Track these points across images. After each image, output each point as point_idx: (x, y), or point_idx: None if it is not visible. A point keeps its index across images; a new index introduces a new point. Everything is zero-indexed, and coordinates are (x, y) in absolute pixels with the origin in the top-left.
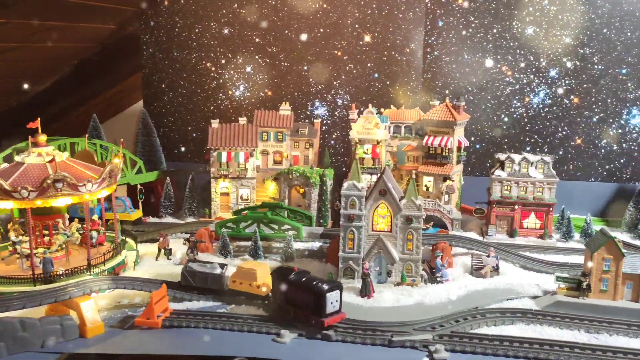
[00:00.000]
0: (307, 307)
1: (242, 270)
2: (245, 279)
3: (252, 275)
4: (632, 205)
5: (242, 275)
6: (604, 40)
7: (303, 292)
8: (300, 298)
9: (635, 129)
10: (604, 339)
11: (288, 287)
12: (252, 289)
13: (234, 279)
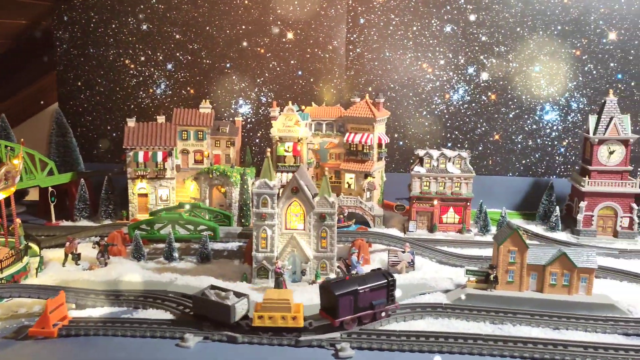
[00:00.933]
0: (380, 302)
1: (270, 303)
2: (275, 311)
3: (285, 307)
4: (545, 199)
5: (271, 309)
6: (518, 39)
7: (375, 291)
8: (372, 298)
9: (549, 124)
10: (508, 330)
11: (358, 296)
12: (287, 322)
13: (260, 313)
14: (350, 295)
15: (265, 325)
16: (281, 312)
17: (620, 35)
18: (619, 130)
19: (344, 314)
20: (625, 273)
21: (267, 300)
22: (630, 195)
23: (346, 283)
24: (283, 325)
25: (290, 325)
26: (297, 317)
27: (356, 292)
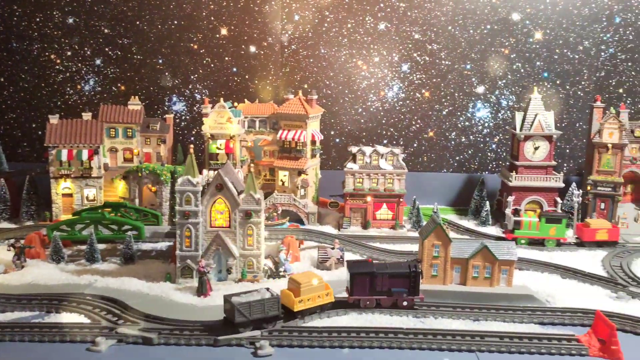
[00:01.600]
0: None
1: (308, 287)
2: (314, 293)
3: (321, 287)
4: (476, 194)
5: (311, 291)
6: (450, 37)
7: (395, 279)
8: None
9: (481, 121)
10: (429, 323)
11: (376, 279)
12: (323, 300)
13: (300, 298)
14: (366, 277)
15: (307, 308)
16: (317, 293)
17: (545, 35)
18: (543, 126)
19: (359, 292)
20: (546, 265)
21: (305, 287)
22: (554, 190)
23: (365, 265)
24: (321, 303)
25: (326, 302)
26: (329, 293)
27: (373, 275)
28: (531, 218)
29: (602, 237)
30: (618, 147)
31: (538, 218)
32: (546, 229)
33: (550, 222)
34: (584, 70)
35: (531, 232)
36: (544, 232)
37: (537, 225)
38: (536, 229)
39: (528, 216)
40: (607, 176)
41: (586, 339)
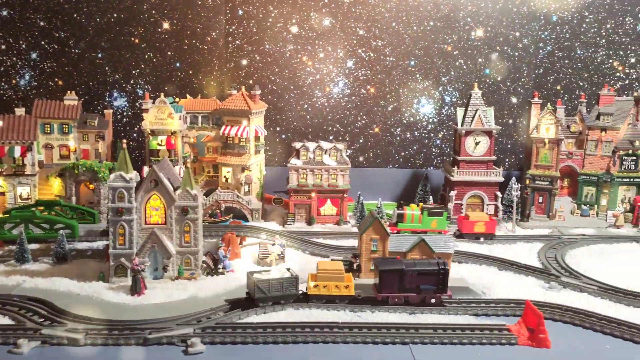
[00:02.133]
0: (428, 288)
1: (325, 273)
2: (330, 281)
3: (339, 276)
4: (420, 189)
5: (326, 278)
6: (394, 33)
7: (424, 276)
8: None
9: (425, 117)
10: (366, 317)
11: (405, 276)
12: (340, 291)
13: (316, 282)
14: (395, 274)
15: (320, 294)
16: (335, 282)
17: (487, 32)
18: (484, 121)
19: (387, 290)
20: (484, 257)
21: (321, 271)
22: (494, 184)
23: (394, 262)
24: (336, 294)
25: (343, 293)
26: (349, 287)
27: (402, 272)
28: (414, 211)
29: (480, 230)
30: (554, 142)
31: (420, 211)
32: (428, 222)
33: (432, 215)
34: (523, 67)
35: (414, 224)
36: (426, 225)
37: (420, 219)
38: (418, 221)
39: (411, 209)
40: (545, 170)
41: (516, 329)
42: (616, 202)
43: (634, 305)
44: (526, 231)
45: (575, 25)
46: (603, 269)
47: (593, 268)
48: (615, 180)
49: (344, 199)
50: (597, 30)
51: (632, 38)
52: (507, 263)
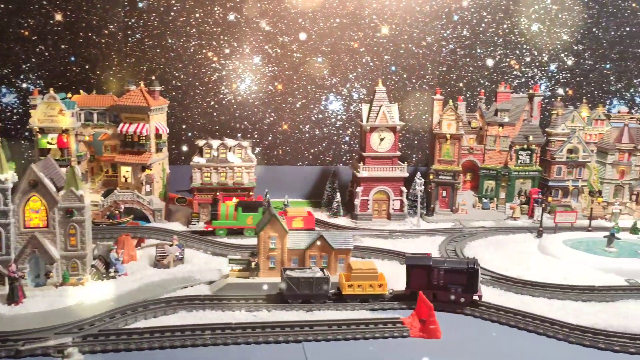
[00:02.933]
0: (457, 287)
1: (359, 273)
2: (364, 280)
3: (373, 275)
4: (328, 186)
5: (360, 277)
6: (300, 30)
7: (452, 274)
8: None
9: (334, 114)
10: (262, 316)
11: (432, 273)
12: (375, 290)
13: (349, 282)
14: (423, 270)
15: (355, 293)
16: (369, 281)
17: (392, 30)
18: (388, 118)
19: (416, 285)
20: (387, 252)
21: (355, 271)
22: (400, 179)
23: (423, 258)
24: (371, 293)
25: (377, 292)
26: (382, 285)
27: (430, 268)
28: (228, 207)
29: (298, 225)
30: (456, 137)
31: (235, 207)
32: (243, 218)
33: (247, 211)
34: (427, 64)
35: (229, 221)
36: (241, 222)
37: (235, 215)
38: (233, 218)
39: (225, 205)
40: (448, 165)
41: (409, 321)
42: (513, 194)
43: (522, 293)
44: (431, 225)
45: (474, 25)
46: (497, 258)
47: (488, 258)
48: (513, 174)
49: (249, 197)
50: (495, 30)
51: (527, 38)
52: None
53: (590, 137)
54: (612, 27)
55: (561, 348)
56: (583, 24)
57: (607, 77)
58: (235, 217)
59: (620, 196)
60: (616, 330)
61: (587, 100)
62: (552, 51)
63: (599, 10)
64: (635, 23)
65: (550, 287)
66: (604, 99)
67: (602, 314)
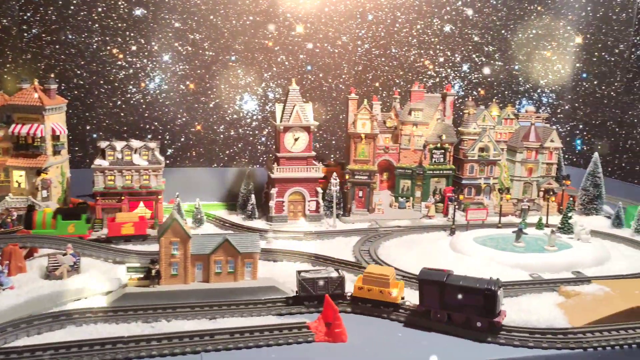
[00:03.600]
0: (472, 308)
1: (370, 277)
2: (375, 285)
3: (384, 282)
4: (243, 187)
5: (371, 282)
6: (212, 27)
7: (467, 294)
8: (462, 300)
9: (249, 114)
10: (160, 327)
11: (445, 290)
12: (384, 297)
13: (360, 285)
14: (435, 286)
15: (365, 297)
16: (379, 287)
17: (307, 29)
18: (302, 117)
19: (429, 303)
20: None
21: (367, 274)
22: (315, 180)
23: (437, 274)
24: (380, 299)
25: (387, 300)
26: (394, 293)
27: (442, 285)
28: (45, 214)
29: (128, 232)
30: (370, 136)
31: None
32: (64, 227)
33: (68, 219)
34: (343, 64)
35: (46, 230)
36: (62, 230)
37: (53, 223)
38: (52, 227)
39: (43, 212)
40: (363, 165)
41: (315, 325)
42: (429, 193)
43: None
44: (347, 226)
45: (389, 25)
46: (410, 257)
47: (400, 258)
48: (427, 173)
49: (158, 201)
50: (408, 30)
51: (440, 38)
52: (321, 259)
53: (501, 135)
54: (520, 30)
55: (465, 346)
56: (492, 25)
57: (516, 78)
58: (54, 225)
59: (529, 193)
60: (517, 325)
61: (498, 100)
62: (464, 52)
63: (507, 13)
64: (541, 26)
65: None
66: (513, 99)
67: (504, 309)
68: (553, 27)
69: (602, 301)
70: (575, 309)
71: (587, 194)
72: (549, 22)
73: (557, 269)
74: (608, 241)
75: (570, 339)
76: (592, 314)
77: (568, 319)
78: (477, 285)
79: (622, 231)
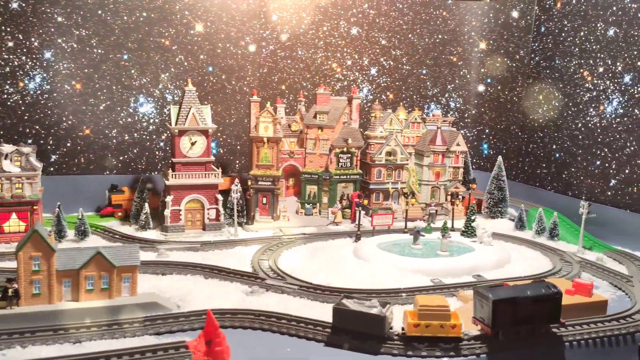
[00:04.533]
0: (541, 317)
1: (427, 310)
2: (434, 320)
3: (445, 314)
4: (137, 196)
5: (429, 316)
6: (100, 23)
7: (537, 303)
8: (531, 311)
9: (145, 117)
10: (13, 355)
11: (519, 305)
12: (446, 331)
13: (417, 322)
14: (509, 304)
15: (422, 335)
16: (440, 320)
17: (207, 28)
18: (199, 120)
19: (502, 324)
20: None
21: (423, 307)
22: (214, 187)
23: (504, 290)
24: (441, 335)
25: (449, 334)
26: (456, 326)
27: (516, 301)
28: None
29: None
30: (273, 140)
31: None
32: None
33: None
34: (247, 66)
35: None
36: None
37: None
38: None
39: None
40: (266, 170)
41: (194, 344)
42: (335, 199)
43: (327, 302)
44: (250, 234)
45: (294, 26)
46: (311, 266)
47: (302, 267)
48: (334, 178)
49: (34, 211)
50: (315, 32)
51: (346, 41)
52: (215, 270)
53: (408, 139)
54: (426, 34)
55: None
56: (399, 29)
57: (424, 82)
58: None
59: (437, 197)
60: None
61: (406, 105)
62: (371, 55)
63: (413, 17)
64: (447, 31)
65: (357, 292)
66: (422, 103)
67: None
68: (458, 33)
69: None
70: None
71: (492, 197)
72: (454, 28)
73: (459, 273)
74: (510, 243)
75: (464, 346)
76: None
77: (464, 325)
78: (543, 292)
79: (524, 233)
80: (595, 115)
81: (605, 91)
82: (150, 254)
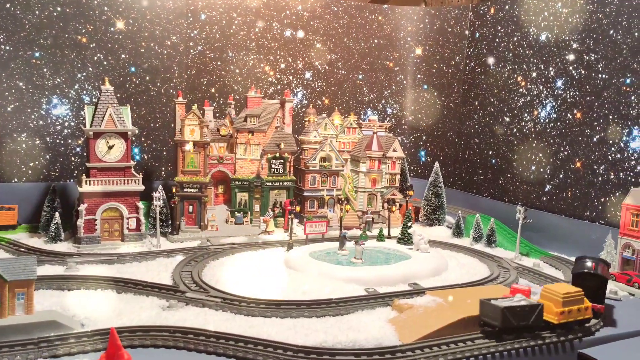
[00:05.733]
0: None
1: (569, 297)
2: (575, 305)
3: (580, 298)
4: (47, 205)
5: (571, 302)
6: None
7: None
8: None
9: (59, 120)
10: None
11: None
12: (582, 314)
13: (562, 309)
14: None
15: (567, 321)
16: (577, 305)
17: (128, 25)
18: (116, 122)
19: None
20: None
21: (567, 294)
22: (135, 194)
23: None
24: (580, 318)
25: (585, 316)
26: (588, 308)
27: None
28: None
29: None
30: (200, 145)
31: None
32: None
33: None
34: (174, 66)
35: None
36: None
37: None
38: None
39: None
40: (193, 176)
41: None
42: (267, 207)
43: (252, 315)
44: (174, 245)
45: (225, 26)
46: (239, 278)
47: (228, 279)
48: (266, 185)
49: None
50: (246, 33)
51: (280, 43)
52: (131, 284)
53: (344, 145)
54: (362, 38)
55: None
56: (334, 32)
57: (360, 88)
58: None
59: (374, 205)
60: (344, 346)
61: (342, 110)
62: (306, 59)
63: (348, 21)
64: (383, 36)
65: (285, 304)
66: (358, 109)
67: (333, 329)
68: (394, 38)
69: (433, 313)
70: (407, 323)
71: (429, 204)
72: (389, 33)
73: (394, 281)
74: (447, 250)
75: (398, 358)
76: (422, 329)
77: (398, 336)
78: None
79: (462, 240)
80: (530, 120)
81: (538, 96)
82: (58, 267)
